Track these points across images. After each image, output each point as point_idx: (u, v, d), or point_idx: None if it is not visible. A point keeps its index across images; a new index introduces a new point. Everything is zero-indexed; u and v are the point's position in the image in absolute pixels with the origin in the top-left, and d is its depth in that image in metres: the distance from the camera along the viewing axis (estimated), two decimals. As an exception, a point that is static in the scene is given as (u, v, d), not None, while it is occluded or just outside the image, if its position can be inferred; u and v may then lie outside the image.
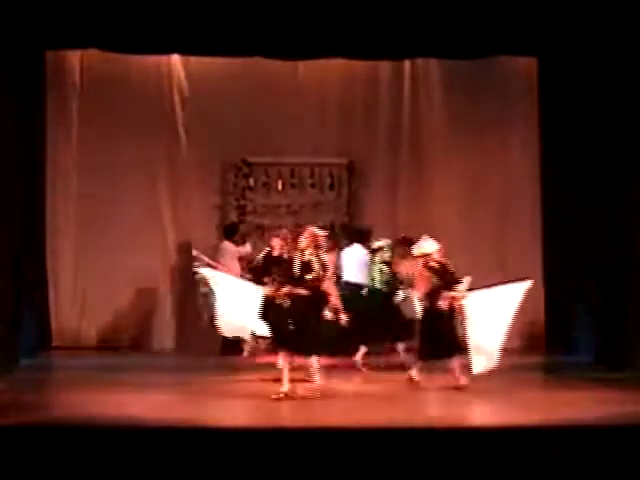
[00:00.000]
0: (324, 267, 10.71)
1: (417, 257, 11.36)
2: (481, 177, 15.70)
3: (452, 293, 11.09)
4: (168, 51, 14.76)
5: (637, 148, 12.60)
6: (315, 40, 13.42)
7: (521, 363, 12.95)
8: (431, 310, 11.13)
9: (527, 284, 10.99)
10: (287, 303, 10.64)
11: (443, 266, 11.22)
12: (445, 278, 11.13)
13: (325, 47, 13.73)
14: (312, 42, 13.52)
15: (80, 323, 15.26)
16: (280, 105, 15.48)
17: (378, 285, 13.19)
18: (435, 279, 11.11)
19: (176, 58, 15.40)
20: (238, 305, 11.48)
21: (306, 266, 10.64)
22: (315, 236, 10.83)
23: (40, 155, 14.85)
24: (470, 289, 11.09)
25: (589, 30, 12.94)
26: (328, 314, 10.73)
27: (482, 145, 15.69)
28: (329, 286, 10.79)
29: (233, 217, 15.54)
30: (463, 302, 11.05)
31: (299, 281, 10.63)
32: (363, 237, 14.64)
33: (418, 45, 13.68)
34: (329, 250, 15.10)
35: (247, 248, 14.60)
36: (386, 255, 13.25)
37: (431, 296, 11.13)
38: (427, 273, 11.14)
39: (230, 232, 14.93)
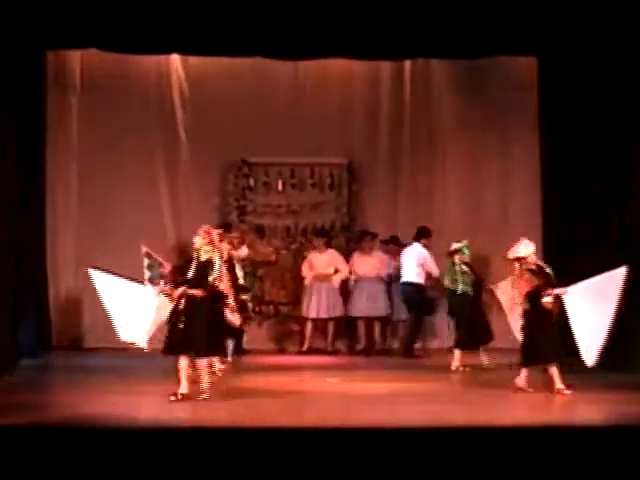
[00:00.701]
0: (221, 267, 10.37)
1: (512, 261, 11.24)
2: (481, 177, 15.73)
3: (556, 291, 10.99)
4: (168, 51, 14.77)
5: (638, 146, 12.60)
6: (315, 40, 13.41)
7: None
8: (533, 312, 10.98)
9: (623, 270, 10.87)
10: (181, 305, 10.29)
11: (539, 267, 11.12)
12: (542, 279, 11.03)
13: (325, 47, 13.72)
14: (312, 42, 13.51)
15: (80, 323, 15.28)
16: (280, 105, 15.50)
17: (466, 288, 13.11)
18: (536, 280, 11.02)
19: (176, 58, 15.41)
20: (127, 308, 11.39)
21: (203, 266, 10.31)
22: (209, 234, 10.45)
23: (40, 155, 14.86)
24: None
25: (589, 29, 12.93)
26: (228, 315, 10.46)
27: (482, 145, 15.71)
28: (226, 286, 10.43)
29: (233, 217, 15.54)
30: (565, 298, 11.00)
31: (198, 282, 10.29)
32: (423, 235, 14.67)
33: (418, 45, 13.68)
34: (320, 249, 15.22)
35: (243, 251, 14.53)
36: (465, 256, 13.22)
37: (531, 298, 10.97)
38: (526, 275, 11.04)
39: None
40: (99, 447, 8.23)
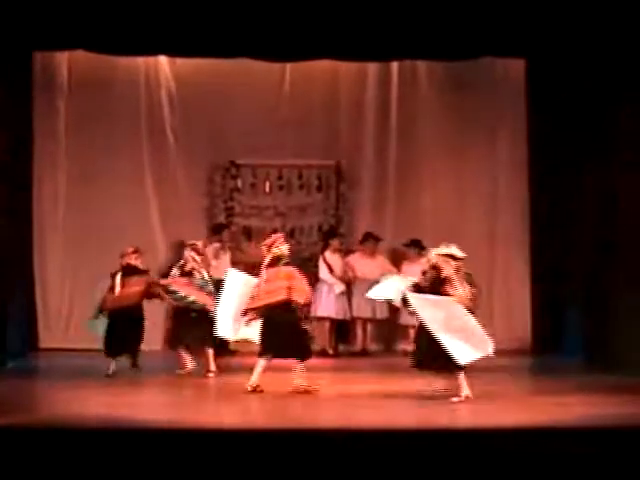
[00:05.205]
0: None
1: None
2: (470, 178, 15.72)
3: None
4: (155, 52, 14.74)
5: (625, 150, 12.63)
6: (303, 41, 13.43)
7: (510, 365, 12.95)
8: None
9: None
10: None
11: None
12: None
13: (313, 48, 13.75)
14: (300, 43, 13.53)
15: (68, 324, 15.23)
16: (268, 106, 15.47)
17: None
18: None
19: (163, 59, 15.38)
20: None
21: None
22: None
23: (27, 156, 14.81)
24: None
25: (577, 31, 12.98)
26: None
27: (470, 146, 15.70)
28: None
29: (221, 219, 15.54)
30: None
31: None
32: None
33: (406, 46, 13.70)
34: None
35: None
36: None
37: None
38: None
39: (214, 233, 15.00)
40: (87, 448, 8.20)
